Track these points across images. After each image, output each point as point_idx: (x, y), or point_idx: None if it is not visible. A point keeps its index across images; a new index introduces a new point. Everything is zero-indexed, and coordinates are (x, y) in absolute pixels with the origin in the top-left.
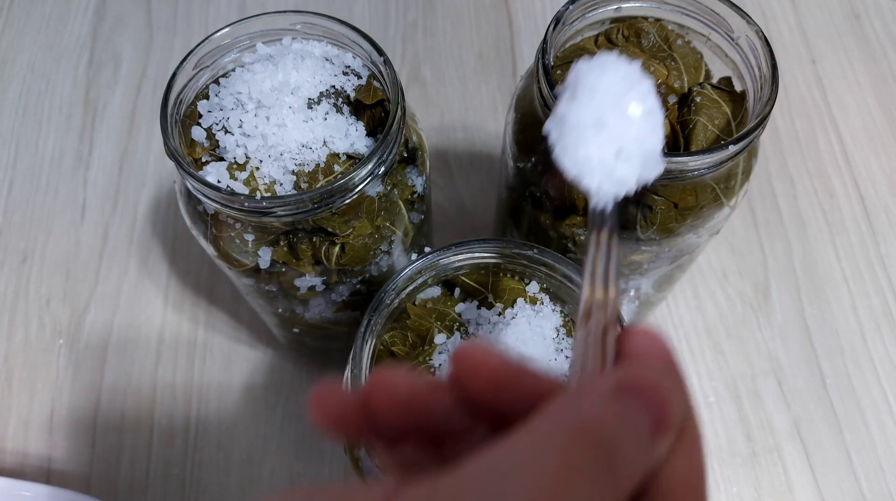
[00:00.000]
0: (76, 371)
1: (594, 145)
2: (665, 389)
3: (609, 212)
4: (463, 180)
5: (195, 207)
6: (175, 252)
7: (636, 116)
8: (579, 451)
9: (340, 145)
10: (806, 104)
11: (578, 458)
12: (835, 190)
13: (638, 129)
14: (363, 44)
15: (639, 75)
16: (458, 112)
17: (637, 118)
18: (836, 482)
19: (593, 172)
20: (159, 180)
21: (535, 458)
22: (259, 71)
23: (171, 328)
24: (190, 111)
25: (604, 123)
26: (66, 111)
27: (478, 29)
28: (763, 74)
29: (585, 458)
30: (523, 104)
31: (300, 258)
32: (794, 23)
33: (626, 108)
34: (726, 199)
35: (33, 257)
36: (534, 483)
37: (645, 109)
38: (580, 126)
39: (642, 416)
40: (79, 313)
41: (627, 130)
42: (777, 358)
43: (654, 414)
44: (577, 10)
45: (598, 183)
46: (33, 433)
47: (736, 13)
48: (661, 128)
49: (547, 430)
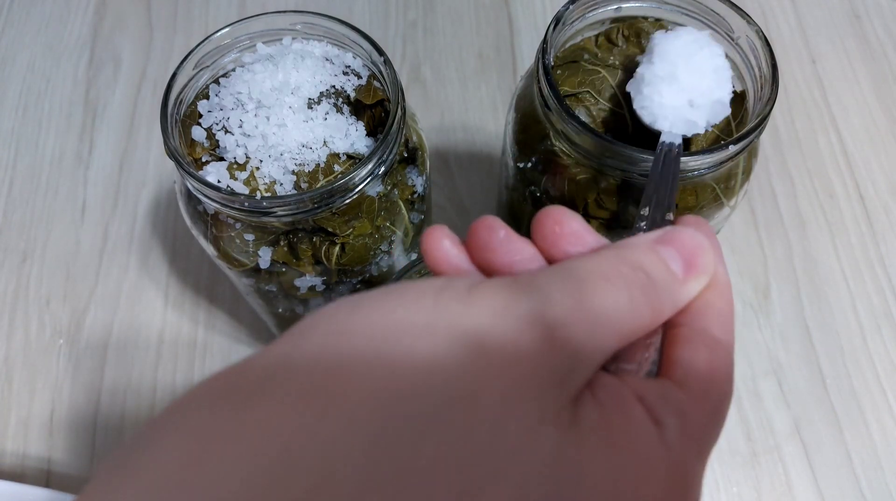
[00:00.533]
0: (76, 371)
1: (668, 95)
2: (695, 243)
3: (677, 147)
4: (463, 180)
5: (195, 207)
6: (175, 252)
7: (704, 71)
8: (621, 267)
9: (340, 145)
10: (806, 104)
11: (619, 270)
12: (835, 190)
13: (706, 83)
14: (363, 44)
15: (708, 40)
16: (459, 112)
17: (705, 74)
18: (836, 482)
19: (666, 117)
20: (159, 180)
21: (590, 264)
22: (259, 71)
23: (171, 328)
24: (190, 111)
25: (676, 77)
26: (67, 111)
27: (478, 29)
28: (763, 74)
29: (626, 274)
30: (523, 104)
31: (300, 258)
32: (794, 23)
33: (696, 65)
34: (726, 199)
35: (33, 257)
36: (590, 273)
37: (713, 66)
38: (656, 80)
39: (674, 259)
40: (79, 313)
41: (697, 83)
42: (777, 358)
43: (684, 258)
44: (577, 10)
45: (670, 125)
46: (33, 434)
47: (736, 13)
48: (728, 82)
49: (599, 257)
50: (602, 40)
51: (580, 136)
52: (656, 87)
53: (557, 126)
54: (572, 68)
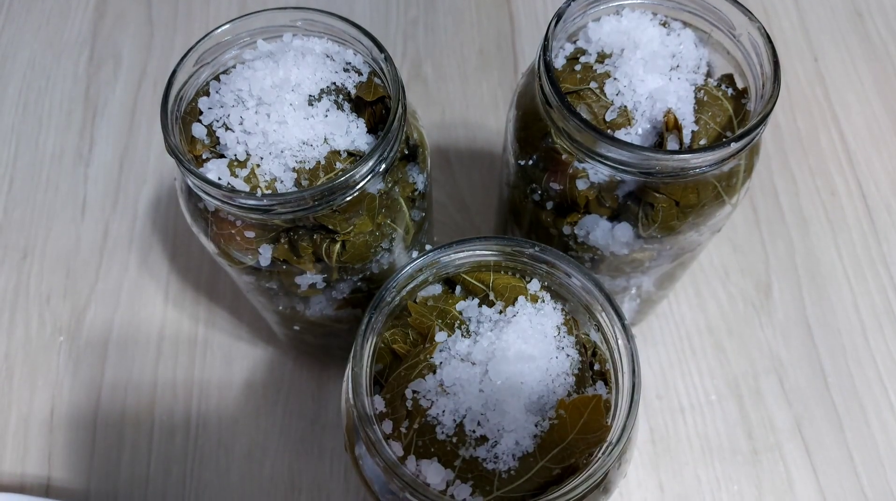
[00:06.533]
0: (76, 368)
1: None
2: None
3: None
4: (464, 177)
5: (196, 204)
6: (175, 249)
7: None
8: None
9: (341, 142)
10: (808, 101)
11: None
12: (837, 188)
13: None
14: (364, 41)
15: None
16: (460, 109)
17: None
18: (837, 479)
19: None
20: (160, 177)
21: None
22: (260, 68)
23: (171, 325)
24: (190, 108)
25: None
26: (67, 108)
27: (479, 26)
28: (765, 72)
29: None
30: (524, 101)
31: (301, 256)
32: (796, 20)
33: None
34: (728, 197)
35: (34, 255)
36: None
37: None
38: None
39: None
40: (79, 310)
41: None
42: (778, 356)
43: None
44: (577, 8)
45: None
46: (34, 430)
47: (738, 10)
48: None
49: None
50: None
51: (581, 133)
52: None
53: (559, 124)
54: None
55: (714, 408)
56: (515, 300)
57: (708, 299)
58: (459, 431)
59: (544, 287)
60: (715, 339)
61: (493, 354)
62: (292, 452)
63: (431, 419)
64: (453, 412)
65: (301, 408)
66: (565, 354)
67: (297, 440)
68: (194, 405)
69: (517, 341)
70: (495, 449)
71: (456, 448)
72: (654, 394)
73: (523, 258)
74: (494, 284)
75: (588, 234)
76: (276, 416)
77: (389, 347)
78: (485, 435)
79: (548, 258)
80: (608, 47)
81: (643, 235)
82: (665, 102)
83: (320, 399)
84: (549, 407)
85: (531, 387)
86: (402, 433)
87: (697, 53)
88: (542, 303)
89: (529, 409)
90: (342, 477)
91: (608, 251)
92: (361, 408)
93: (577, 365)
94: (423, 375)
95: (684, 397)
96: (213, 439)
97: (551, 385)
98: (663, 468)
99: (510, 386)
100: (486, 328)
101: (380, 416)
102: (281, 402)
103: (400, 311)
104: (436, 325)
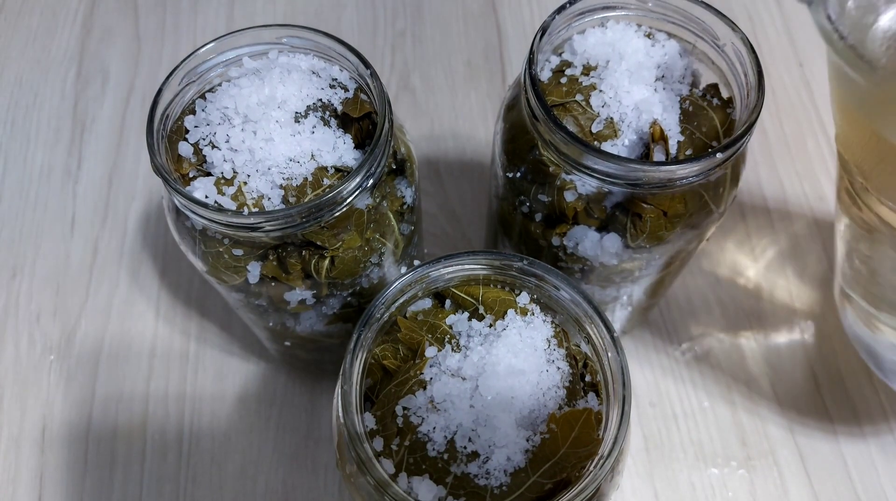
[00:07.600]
0: (67, 387)
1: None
2: None
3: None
4: (454, 189)
5: (183, 222)
6: (165, 265)
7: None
8: None
9: (328, 159)
10: (794, 107)
11: None
12: (825, 193)
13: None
14: (350, 57)
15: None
16: (448, 120)
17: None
18: (831, 485)
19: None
20: (149, 194)
21: None
22: (245, 85)
23: (162, 341)
24: (177, 127)
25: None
26: (55, 125)
27: (466, 37)
28: (749, 81)
29: None
30: (511, 114)
31: (290, 273)
32: (780, 26)
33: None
34: (715, 205)
35: (23, 273)
36: None
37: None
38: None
39: None
40: (69, 328)
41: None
42: (771, 362)
43: None
44: (562, 20)
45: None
46: (25, 451)
47: (721, 21)
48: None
49: None
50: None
51: (568, 146)
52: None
53: (545, 136)
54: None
55: (707, 415)
56: (505, 314)
57: (698, 305)
58: (450, 447)
59: (534, 300)
60: (707, 345)
61: (483, 369)
62: (286, 467)
63: (422, 435)
64: (444, 428)
65: (294, 423)
66: (556, 366)
67: (291, 455)
68: (186, 421)
69: (507, 355)
70: (487, 465)
71: (447, 464)
72: (648, 402)
73: (512, 272)
74: (484, 297)
75: (577, 245)
76: (269, 431)
77: (380, 363)
78: (476, 451)
79: (536, 272)
80: (594, 59)
81: (632, 245)
82: (651, 113)
83: (313, 413)
84: (541, 422)
85: (522, 402)
86: (394, 451)
87: (682, 64)
88: (531, 316)
89: (520, 424)
90: (336, 492)
91: (597, 262)
92: (352, 427)
93: (567, 378)
94: (413, 391)
95: (677, 404)
96: (205, 455)
97: (542, 399)
98: (658, 475)
99: (501, 401)
100: (476, 343)
101: (370, 433)
102: (274, 417)
103: (390, 326)
104: (426, 340)
